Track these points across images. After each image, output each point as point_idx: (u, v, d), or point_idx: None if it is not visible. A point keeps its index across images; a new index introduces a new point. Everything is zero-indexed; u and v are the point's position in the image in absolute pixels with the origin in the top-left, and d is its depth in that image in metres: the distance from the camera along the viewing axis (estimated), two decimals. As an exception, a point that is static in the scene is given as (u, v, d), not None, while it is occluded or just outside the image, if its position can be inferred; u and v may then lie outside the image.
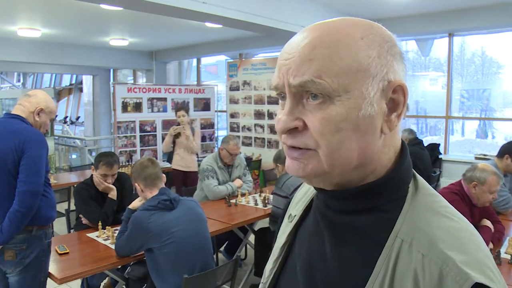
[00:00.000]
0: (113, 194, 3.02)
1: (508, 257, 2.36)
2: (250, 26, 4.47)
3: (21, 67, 10.49)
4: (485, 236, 2.47)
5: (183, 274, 2.13)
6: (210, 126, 7.26)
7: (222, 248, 3.94)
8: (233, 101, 7.04)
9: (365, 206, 0.59)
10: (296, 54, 0.56)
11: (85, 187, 3.02)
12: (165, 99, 6.68)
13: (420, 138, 5.16)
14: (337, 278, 0.59)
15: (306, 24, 0.67)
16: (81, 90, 11.54)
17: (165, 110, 6.66)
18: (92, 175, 3.04)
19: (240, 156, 4.22)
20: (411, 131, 5.07)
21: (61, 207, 4.35)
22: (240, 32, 5.69)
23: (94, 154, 8.06)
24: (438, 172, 5.28)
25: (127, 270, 2.79)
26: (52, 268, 2.30)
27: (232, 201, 3.67)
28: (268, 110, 6.54)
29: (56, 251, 2.49)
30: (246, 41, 7.24)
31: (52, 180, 4.39)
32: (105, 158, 3.01)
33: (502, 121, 5.90)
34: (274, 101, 6.39)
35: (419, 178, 0.63)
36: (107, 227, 2.83)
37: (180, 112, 4.86)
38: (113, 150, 6.82)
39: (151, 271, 2.35)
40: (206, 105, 7.21)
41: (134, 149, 6.40)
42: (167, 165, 5.35)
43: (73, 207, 3.47)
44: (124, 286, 2.72)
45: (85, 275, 2.49)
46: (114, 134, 6.45)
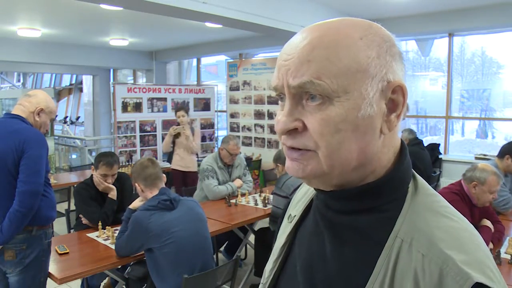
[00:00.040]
0: (113, 194, 3.02)
1: (508, 257, 2.36)
2: (250, 26, 4.47)
3: (21, 67, 10.49)
4: (485, 236, 2.47)
5: (183, 274, 2.13)
6: (210, 126, 7.26)
7: (222, 248, 3.94)
8: (233, 101, 7.04)
9: (365, 206, 0.59)
10: (295, 55, 0.56)
11: (85, 187, 3.02)
12: (165, 99, 6.68)
13: (420, 138, 5.16)
14: (337, 278, 0.59)
15: (306, 24, 0.67)
16: (81, 90, 11.53)
17: (165, 110, 6.66)
18: (92, 175, 3.04)
19: (240, 156, 4.22)
20: (411, 131, 5.06)
21: (61, 207, 4.35)
22: (240, 32, 5.69)
23: (94, 154, 8.06)
24: (438, 172, 5.28)
25: (127, 270, 2.79)
26: (52, 268, 2.30)
27: (232, 201, 3.67)
28: (268, 110, 6.54)
29: (56, 251, 2.49)
30: (246, 41, 7.23)
31: (52, 180, 4.39)
32: (105, 158, 3.02)
33: (502, 121, 5.89)
34: (274, 101, 6.38)
35: (419, 178, 0.63)
36: (107, 227, 2.83)
37: (180, 112, 4.86)
38: (113, 150, 6.82)
39: (151, 271, 2.35)
40: (206, 105, 7.20)
41: (134, 149, 6.39)
42: (167, 165, 5.34)
43: (73, 207, 3.47)
44: (124, 286, 2.72)
45: (85, 275, 2.49)
46: (114, 134, 6.45)
